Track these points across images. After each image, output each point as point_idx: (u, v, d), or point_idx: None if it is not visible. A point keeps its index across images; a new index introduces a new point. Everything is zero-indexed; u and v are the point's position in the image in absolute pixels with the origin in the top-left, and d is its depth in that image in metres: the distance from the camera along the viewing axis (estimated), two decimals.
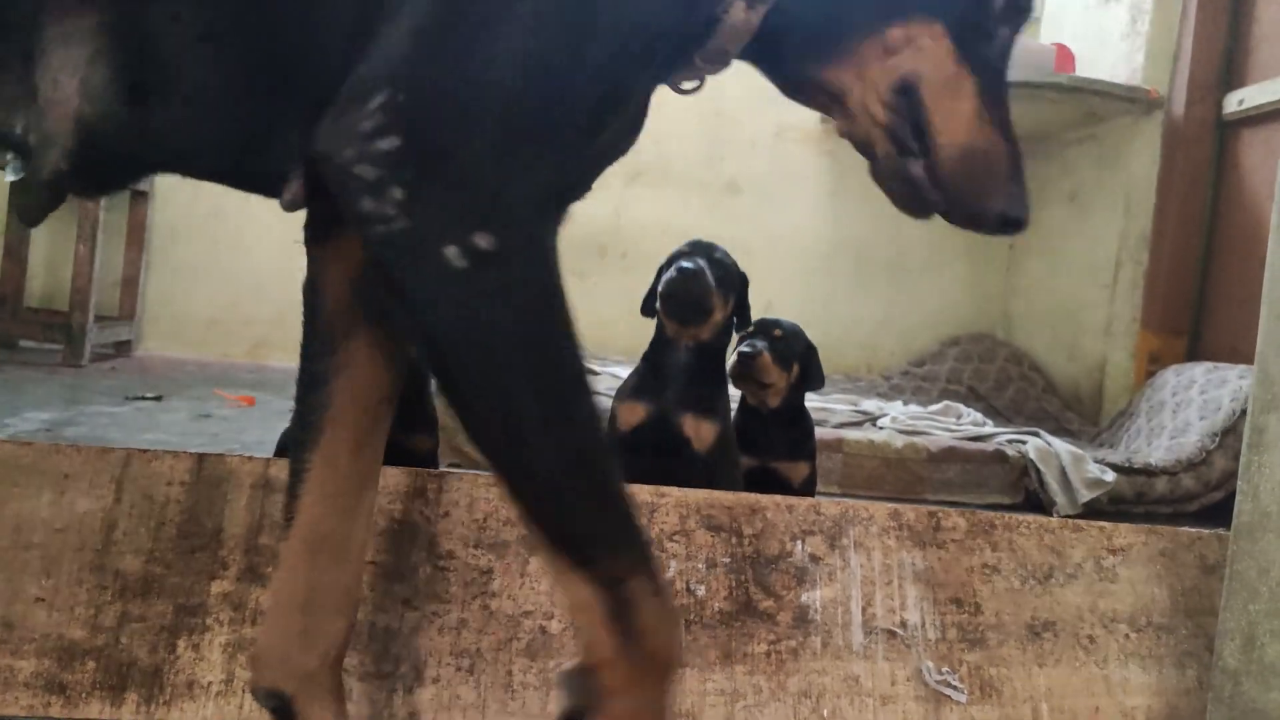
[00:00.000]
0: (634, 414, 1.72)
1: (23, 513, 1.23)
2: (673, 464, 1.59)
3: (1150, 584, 1.45)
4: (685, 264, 1.68)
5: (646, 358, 1.80)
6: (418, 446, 1.82)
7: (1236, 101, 3.53)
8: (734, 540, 1.37)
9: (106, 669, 1.17)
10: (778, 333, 1.89)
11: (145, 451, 1.29)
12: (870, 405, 3.44)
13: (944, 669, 1.34)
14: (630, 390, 1.77)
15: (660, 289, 1.73)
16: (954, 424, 3.21)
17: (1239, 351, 3.37)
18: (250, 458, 1.31)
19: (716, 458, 1.70)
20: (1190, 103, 3.62)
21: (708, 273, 1.68)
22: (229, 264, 4.31)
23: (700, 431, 1.67)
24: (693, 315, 1.70)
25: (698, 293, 1.67)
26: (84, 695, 1.15)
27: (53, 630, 1.18)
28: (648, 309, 1.81)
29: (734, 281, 1.77)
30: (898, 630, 1.36)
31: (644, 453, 1.66)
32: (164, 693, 1.16)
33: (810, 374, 1.93)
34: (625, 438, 1.70)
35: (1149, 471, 2.84)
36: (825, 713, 1.29)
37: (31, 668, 1.16)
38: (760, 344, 1.84)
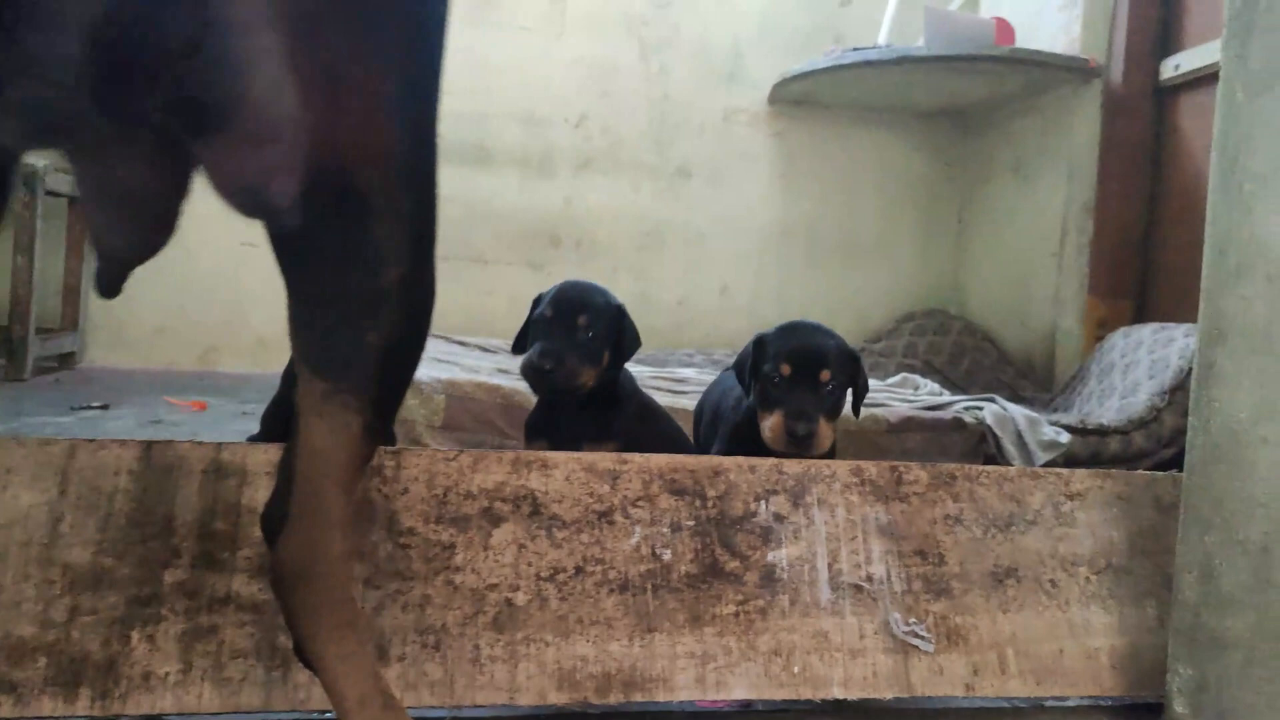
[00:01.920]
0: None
1: None
2: None
3: (1108, 526, 1.48)
4: (541, 361, 1.62)
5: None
6: None
7: (1173, 67, 3.60)
8: (698, 503, 1.37)
9: (58, 665, 1.13)
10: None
11: (91, 441, 1.25)
12: (858, 416, 3.45)
13: (911, 620, 1.35)
14: (531, 428, 1.79)
15: (522, 374, 1.69)
16: (912, 395, 3.24)
17: (1185, 313, 3.44)
18: (200, 442, 1.28)
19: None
20: (1128, 70, 3.69)
21: (566, 361, 1.62)
22: (174, 269, 4.21)
23: None
24: (563, 395, 1.70)
25: (561, 384, 1.66)
26: (35, 693, 1.11)
27: (0, 628, 1.14)
28: (519, 348, 1.76)
29: (607, 328, 1.68)
30: (864, 584, 1.36)
31: None
32: (119, 686, 1.13)
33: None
34: None
35: (1102, 432, 2.89)
36: (796, 670, 1.29)
37: None
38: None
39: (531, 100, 4.48)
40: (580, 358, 1.65)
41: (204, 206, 0.90)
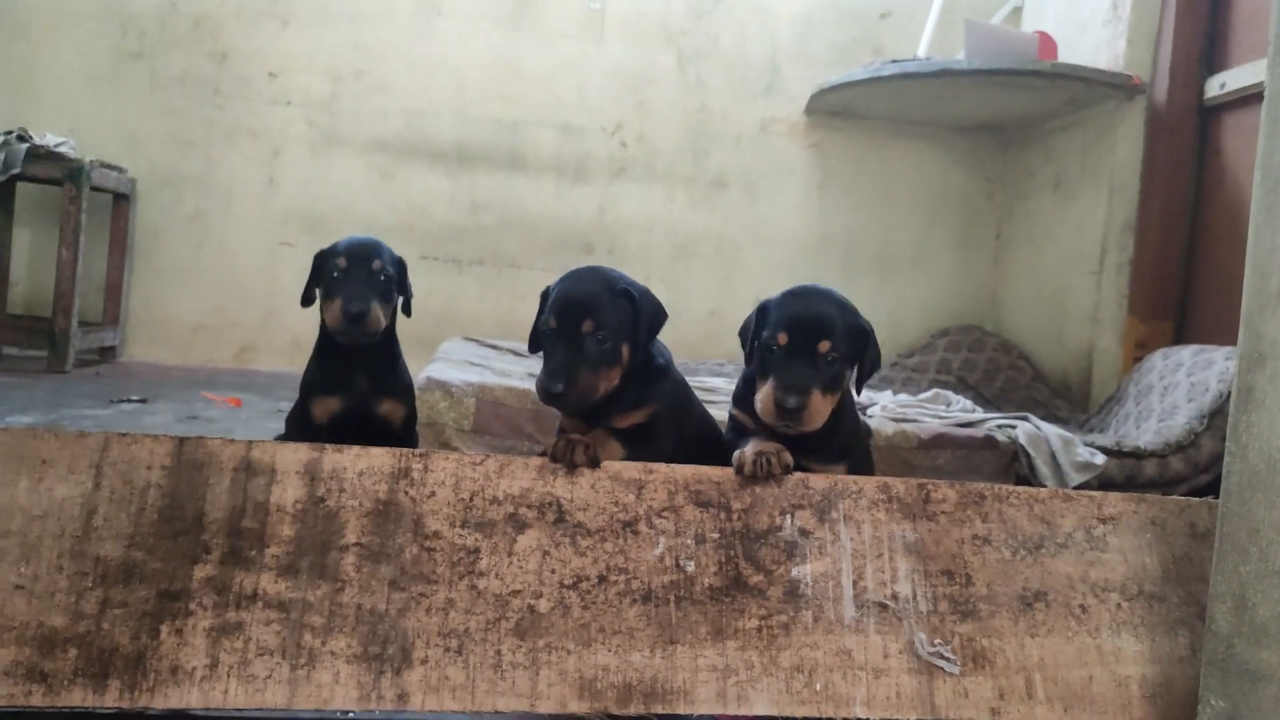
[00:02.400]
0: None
1: (0, 499, 1.21)
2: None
3: (1141, 552, 1.45)
4: (551, 384, 1.48)
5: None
6: (390, 413, 1.79)
7: (1218, 85, 3.54)
8: (723, 515, 1.36)
9: (88, 656, 1.15)
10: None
11: (124, 436, 1.27)
12: (861, 396, 3.43)
13: (936, 641, 1.33)
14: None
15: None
16: (944, 411, 3.20)
17: (1226, 335, 3.38)
18: (231, 440, 1.29)
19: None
20: (1172, 88, 3.64)
21: (578, 381, 1.49)
22: (213, 267, 4.29)
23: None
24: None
25: (578, 404, 1.52)
26: (65, 683, 1.13)
27: (32, 618, 1.16)
28: (535, 347, 1.65)
29: (620, 323, 1.55)
30: (889, 603, 1.35)
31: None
32: (147, 679, 1.15)
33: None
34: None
35: (1138, 454, 2.84)
36: (818, 687, 1.28)
37: (11, 656, 1.14)
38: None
39: (568, 108, 4.51)
40: (594, 369, 1.51)
41: (243, 208, 0.92)
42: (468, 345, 3.66)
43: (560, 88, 4.51)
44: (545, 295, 1.60)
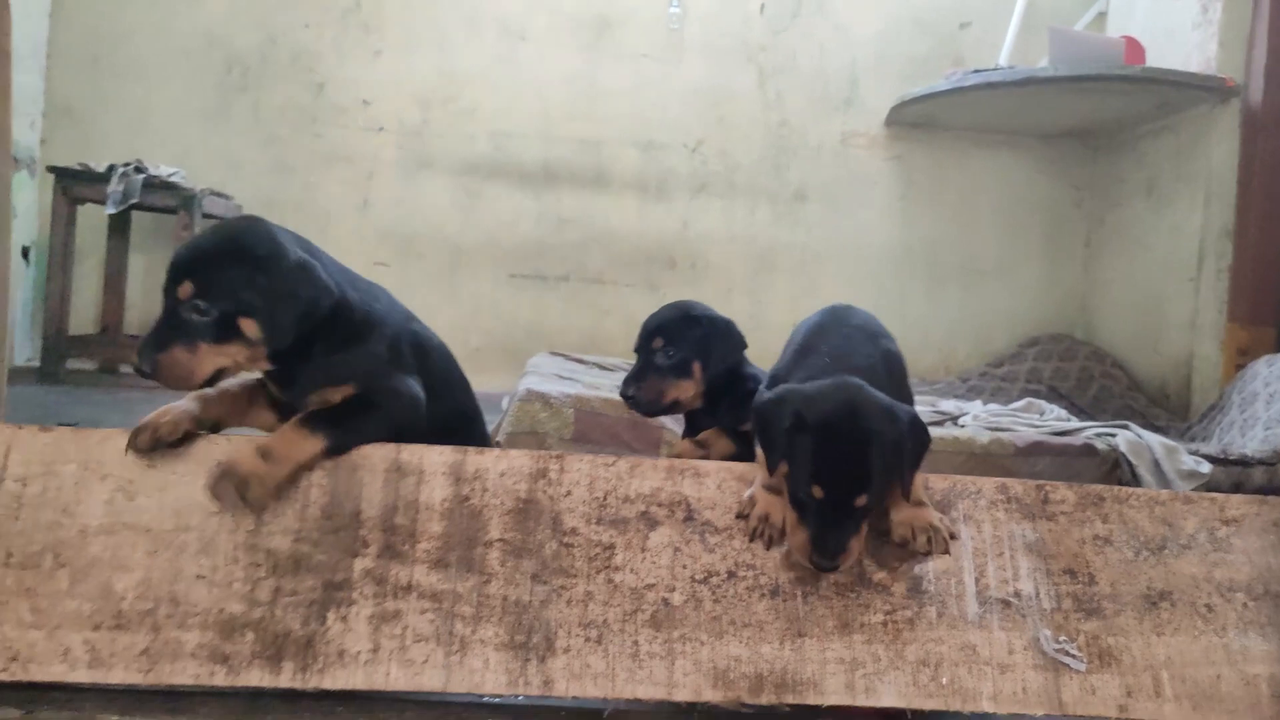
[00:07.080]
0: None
1: (181, 498, 1.32)
2: None
3: (1266, 553, 1.45)
4: (624, 388, 1.79)
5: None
6: None
7: None
8: None
9: (264, 640, 1.24)
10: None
11: None
12: (949, 406, 3.43)
13: (1061, 638, 1.35)
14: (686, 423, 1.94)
15: None
16: (1038, 420, 3.18)
17: None
18: (382, 444, 1.39)
19: None
20: (1268, 89, 3.57)
21: (643, 389, 1.77)
22: None
23: None
24: (657, 413, 1.88)
25: (646, 407, 1.80)
26: (245, 664, 1.23)
27: (213, 605, 1.26)
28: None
29: (690, 343, 1.77)
30: (1012, 600, 1.37)
31: None
32: (317, 661, 1.24)
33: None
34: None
35: (1245, 462, 2.79)
36: (944, 681, 1.31)
37: (196, 639, 1.24)
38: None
39: (649, 126, 4.60)
40: (660, 379, 1.77)
41: (340, 230, 0.99)
42: (555, 360, 3.75)
43: (641, 106, 4.61)
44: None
